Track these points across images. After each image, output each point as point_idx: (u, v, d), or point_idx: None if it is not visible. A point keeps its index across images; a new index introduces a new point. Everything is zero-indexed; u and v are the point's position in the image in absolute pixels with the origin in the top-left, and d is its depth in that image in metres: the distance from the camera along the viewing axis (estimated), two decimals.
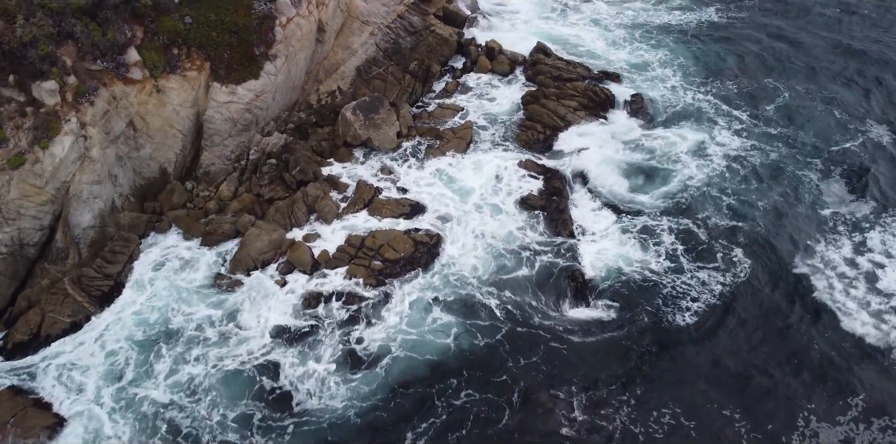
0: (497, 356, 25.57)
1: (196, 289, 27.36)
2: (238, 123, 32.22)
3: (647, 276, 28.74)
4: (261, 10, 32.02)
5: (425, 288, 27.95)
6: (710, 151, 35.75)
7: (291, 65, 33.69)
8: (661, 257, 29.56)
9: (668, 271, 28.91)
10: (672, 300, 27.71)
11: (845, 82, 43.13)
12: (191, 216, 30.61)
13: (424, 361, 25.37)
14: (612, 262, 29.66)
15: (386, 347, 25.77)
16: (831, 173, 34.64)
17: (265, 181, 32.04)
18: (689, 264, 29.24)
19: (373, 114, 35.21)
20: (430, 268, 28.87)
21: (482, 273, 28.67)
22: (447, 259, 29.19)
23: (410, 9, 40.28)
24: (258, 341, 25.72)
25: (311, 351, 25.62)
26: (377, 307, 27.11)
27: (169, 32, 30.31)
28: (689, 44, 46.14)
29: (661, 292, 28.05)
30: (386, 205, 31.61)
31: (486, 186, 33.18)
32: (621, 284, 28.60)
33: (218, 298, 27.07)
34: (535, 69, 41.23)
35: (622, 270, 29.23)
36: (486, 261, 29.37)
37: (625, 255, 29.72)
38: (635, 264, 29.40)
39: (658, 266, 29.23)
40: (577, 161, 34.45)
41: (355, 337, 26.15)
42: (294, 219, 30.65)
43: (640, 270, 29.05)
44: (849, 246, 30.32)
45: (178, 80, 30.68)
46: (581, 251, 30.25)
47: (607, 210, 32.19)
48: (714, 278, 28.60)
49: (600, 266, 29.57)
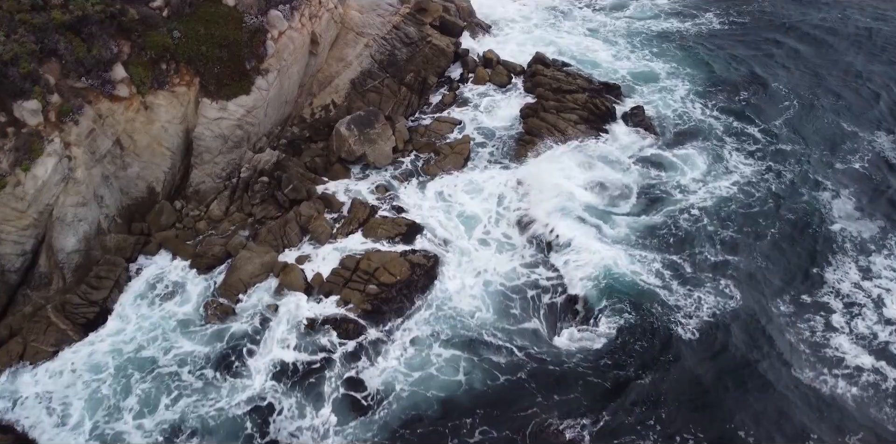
0: (510, 391, 24.48)
1: (184, 319, 26.24)
2: (229, 139, 31.25)
3: (647, 302, 27.73)
4: (252, 23, 31.06)
5: (426, 319, 26.83)
6: (714, 169, 34.73)
7: (284, 79, 32.72)
8: (661, 281, 28.56)
9: (669, 296, 27.90)
10: (673, 325, 26.72)
11: (853, 89, 42.05)
12: (180, 237, 29.62)
13: (433, 398, 24.19)
14: (612, 286, 28.60)
15: (390, 384, 24.55)
16: (841, 193, 33.58)
17: (257, 200, 31.07)
18: (692, 289, 28.24)
19: (368, 128, 34.25)
20: (428, 293, 27.90)
21: (481, 300, 27.70)
22: (446, 283, 28.20)
23: (406, 19, 39.32)
24: (247, 382, 24.50)
25: (307, 392, 24.30)
26: (376, 340, 26.01)
27: (157, 47, 29.33)
28: (692, 51, 45.13)
29: (662, 317, 27.02)
30: (382, 225, 30.64)
31: (484, 204, 32.23)
32: (622, 308, 27.56)
33: (206, 330, 25.91)
34: (535, 80, 40.28)
35: (622, 294, 28.17)
36: (486, 284, 28.46)
37: (624, 279, 28.67)
38: (635, 289, 28.36)
39: (658, 290, 28.21)
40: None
41: (355, 373, 24.85)
42: (286, 240, 29.68)
43: (640, 295, 28.01)
44: (854, 271, 29.35)
45: (166, 96, 29.73)
46: (582, 274, 29.19)
47: (601, 232, 31.02)
48: (717, 303, 27.56)
49: (601, 291, 28.51)
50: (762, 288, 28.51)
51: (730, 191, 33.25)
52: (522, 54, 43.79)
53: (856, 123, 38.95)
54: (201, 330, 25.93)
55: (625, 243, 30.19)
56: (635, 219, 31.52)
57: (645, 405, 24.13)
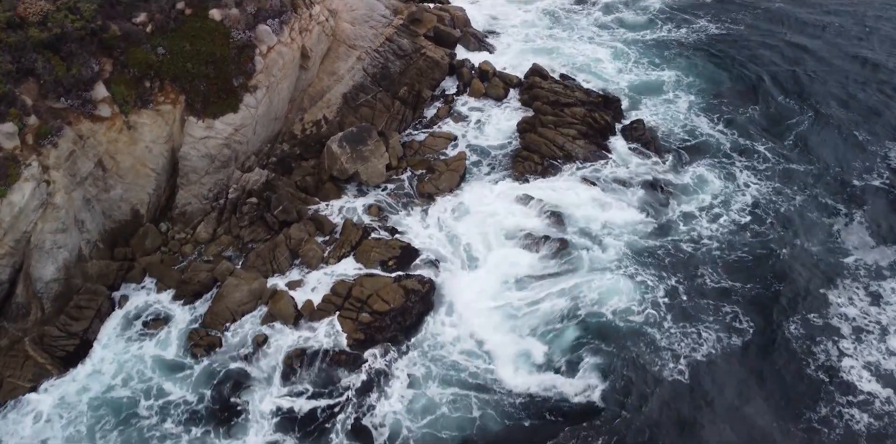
0: (521, 430, 23.40)
1: (168, 356, 25.09)
2: (216, 159, 30.14)
3: (647, 329, 26.77)
4: (239, 38, 29.94)
5: (423, 352, 25.71)
6: (721, 190, 33.62)
7: (273, 95, 31.61)
8: (666, 310, 27.59)
9: (671, 327, 26.91)
10: (674, 360, 25.74)
11: (864, 97, 40.99)
12: (165, 262, 28.51)
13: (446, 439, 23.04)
14: (611, 311, 27.67)
15: (397, 431, 23.21)
16: (854, 216, 32.49)
17: (245, 222, 29.99)
18: (700, 316, 27.30)
19: (360, 145, 33.16)
20: (424, 322, 26.75)
21: (481, 329, 26.53)
22: (443, 312, 27.08)
23: (399, 31, 38.25)
24: (233, 430, 23.15)
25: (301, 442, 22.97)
26: (373, 376, 24.82)
27: (140, 64, 28.23)
28: (693, 59, 44.17)
29: (661, 350, 26.04)
30: (375, 248, 29.59)
31: (480, 224, 31.10)
32: (622, 339, 26.61)
33: (191, 368, 24.75)
34: (532, 93, 39.27)
35: (622, 321, 27.21)
36: (486, 311, 27.28)
37: (622, 305, 27.69)
38: (634, 316, 27.39)
39: (659, 319, 27.25)
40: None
41: (357, 420, 23.49)
42: (276, 265, 28.59)
43: (640, 323, 27.05)
44: (867, 301, 28.31)
45: (150, 115, 28.63)
46: (581, 296, 28.24)
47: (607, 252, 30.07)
48: (721, 336, 26.61)
49: (603, 316, 27.59)
50: (771, 315, 27.52)
51: (738, 215, 32.15)
52: (519, 64, 42.80)
53: (868, 136, 37.80)
54: (186, 368, 24.72)
55: (628, 268, 29.11)
56: (640, 243, 30.47)
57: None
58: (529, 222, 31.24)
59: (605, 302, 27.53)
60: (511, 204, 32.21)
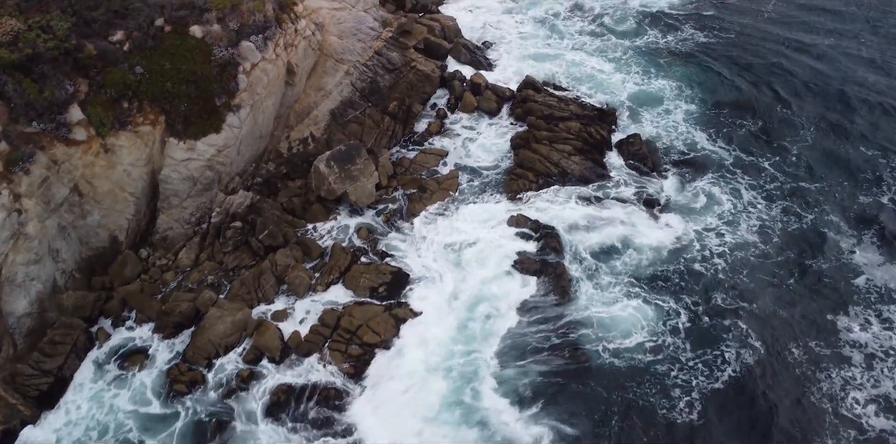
0: None
1: (147, 395, 23.85)
2: (198, 181, 28.91)
3: (648, 358, 25.77)
4: (221, 56, 28.71)
5: (418, 388, 24.47)
6: (725, 209, 32.52)
7: (258, 114, 30.41)
8: (673, 336, 26.59)
9: (674, 354, 25.95)
10: (676, 389, 24.77)
11: (868, 110, 39.93)
12: (146, 291, 27.30)
13: None
14: (610, 333, 26.74)
15: None
16: (863, 235, 31.52)
17: (229, 247, 28.80)
18: (707, 343, 26.27)
19: (349, 165, 31.99)
20: (416, 355, 25.63)
21: (475, 363, 25.46)
22: (436, 345, 25.93)
23: (389, 44, 37.08)
24: None
25: None
26: (367, 415, 23.57)
27: (117, 85, 26.99)
28: (690, 70, 42.88)
29: (663, 380, 25.05)
30: (364, 274, 28.47)
31: (473, 248, 30.02)
32: (621, 363, 25.64)
33: (171, 410, 23.52)
34: (525, 107, 38.17)
35: (623, 346, 26.24)
36: (478, 344, 26.21)
37: (622, 329, 26.78)
38: (632, 341, 26.44)
39: (662, 346, 26.30)
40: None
41: None
42: (261, 293, 27.41)
43: (641, 351, 26.06)
44: (878, 326, 27.36)
45: (128, 137, 27.38)
46: (580, 319, 27.28)
47: (607, 278, 29.05)
48: (725, 365, 25.65)
49: (600, 337, 26.64)
50: (779, 340, 26.66)
51: (743, 236, 31.09)
52: (512, 76, 41.75)
53: (873, 150, 36.70)
54: (168, 414, 23.36)
55: (628, 294, 28.14)
56: (639, 265, 29.51)
57: None
58: (525, 245, 30.13)
59: (607, 335, 26.44)
60: (505, 226, 31.12)
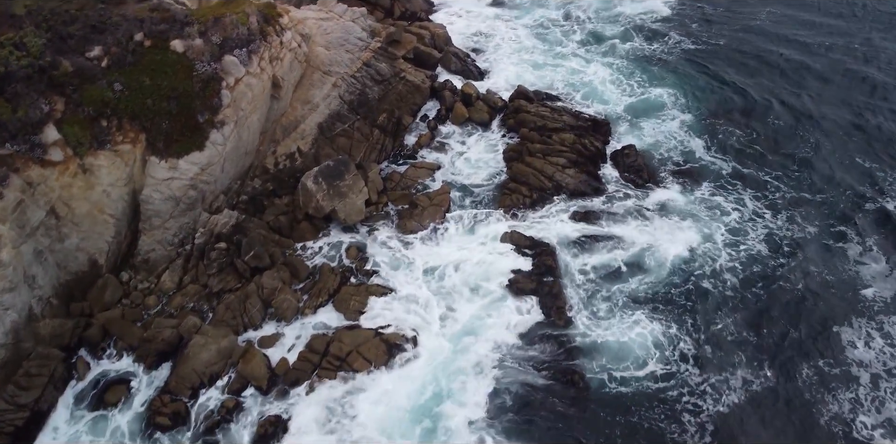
0: None
1: (128, 433, 22.81)
2: (181, 201, 27.90)
3: (654, 385, 24.96)
4: (204, 71, 27.72)
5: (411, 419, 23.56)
6: (727, 221, 31.84)
7: (242, 130, 29.41)
8: (669, 359, 25.81)
9: (678, 377, 25.17)
10: (680, 413, 24.00)
11: (866, 116, 39.48)
12: (127, 317, 26.26)
13: None
14: (612, 358, 25.91)
15: None
16: (869, 245, 30.79)
17: (214, 269, 27.78)
18: (710, 375, 25.47)
19: (337, 181, 31.04)
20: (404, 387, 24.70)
21: (466, 390, 24.55)
22: (427, 369, 25.03)
23: (377, 55, 36.11)
24: None
25: None
26: None
27: (95, 103, 25.99)
28: (685, 79, 42.20)
29: (667, 404, 24.27)
30: (354, 296, 27.59)
31: (466, 267, 29.16)
32: (621, 387, 24.84)
33: None
34: (517, 118, 37.31)
35: (626, 372, 25.41)
36: (471, 367, 25.34)
37: (623, 353, 25.98)
38: (635, 366, 25.63)
39: (664, 370, 25.47)
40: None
41: None
42: (247, 317, 26.42)
43: (642, 375, 25.24)
44: (884, 342, 26.66)
45: (108, 156, 26.37)
46: (579, 344, 26.44)
47: (605, 300, 28.22)
48: (732, 388, 24.85)
49: (601, 363, 25.79)
50: (789, 360, 26.01)
51: (745, 250, 30.41)
52: (504, 85, 41.03)
53: (874, 158, 36.12)
54: None
55: (634, 313, 27.37)
56: (644, 285, 28.70)
57: None
58: (519, 263, 29.27)
59: (608, 360, 25.64)
60: (498, 243, 30.26)
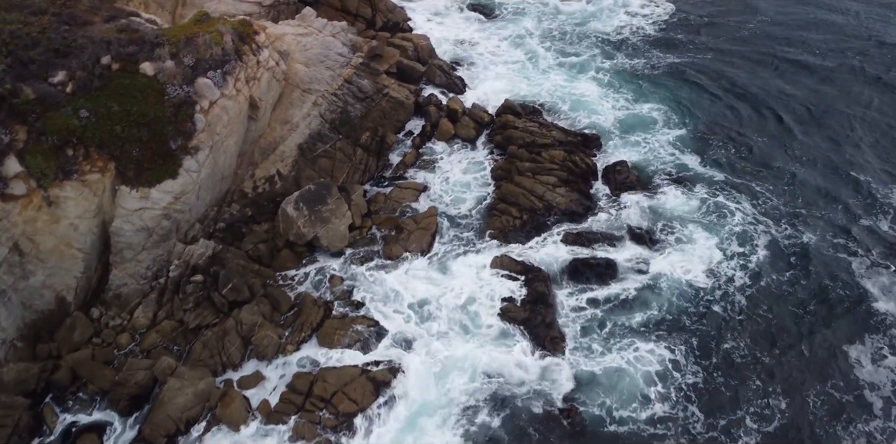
0: None
1: None
2: (154, 232, 26.48)
3: (649, 426, 23.91)
4: (176, 95, 26.29)
5: None
6: (725, 240, 30.84)
7: (218, 155, 28.03)
8: (669, 393, 24.73)
9: (681, 416, 24.14)
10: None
11: (860, 126, 38.78)
12: (97, 358, 24.83)
13: None
14: (610, 392, 24.83)
15: None
16: (873, 259, 29.98)
17: (190, 304, 26.39)
18: (710, 410, 24.44)
19: (319, 205, 29.74)
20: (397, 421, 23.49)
21: (456, 425, 23.38)
22: (417, 406, 23.81)
23: (359, 70, 34.76)
24: None
25: None
26: None
27: (60, 131, 24.52)
28: (676, 92, 40.99)
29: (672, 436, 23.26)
30: (339, 329, 26.30)
31: (454, 295, 27.97)
32: (619, 426, 23.76)
33: None
34: (505, 134, 36.11)
35: (624, 408, 24.34)
36: (461, 401, 24.18)
37: (620, 386, 24.90)
38: (636, 401, 24.55)
39: (665, 411, 24.43)
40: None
41: None
42: (226, 356, 25.06)
43: (643, 417, 24.16)
44: (892, 358, 25.83)
45: (75, 187, 24.91)
46: (574, 377, 25.34)
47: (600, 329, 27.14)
48: (744, 430, 23.83)
49: (598, 397, 24.71)
50: (799, 388, 25.16)
51: (746, 269, 29.49)
52: (490, 98, 39.76)
53: (868, 172, 35.34)
54: None
55: (632, 342, 26.32)
56: (642, 310, 27.73)
57: None
58: (510, 290, 28.15)
59: (607, 394, 24.55)
60: (488, 269, 29.07)
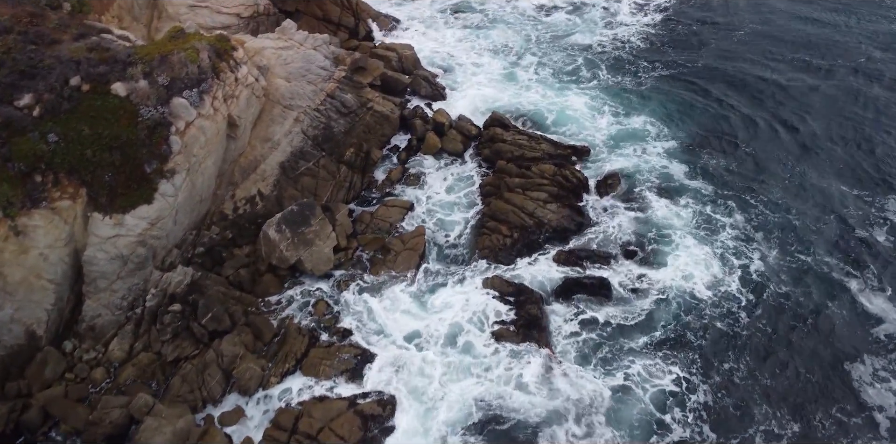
0: None
1: None
2: (129, 260, 25.29)
3: None
4: (150, 117, 25.13)
5: None
6: (720, 257, 30.13)
7: (196, 177, 26.89)
8: (673, 422, 23.87)
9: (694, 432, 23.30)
10: None
11: (854, 132, 38.27)
12: (70, 395, 23.67)
13: None
14: (612, 420, 24.01)
15: None
16: (869, 277, 29.31)
17: (168, 335, 25.23)
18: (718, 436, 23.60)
19: (302, 227, 28.64)
20: None
21: None
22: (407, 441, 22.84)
23: (342, 84, 33.67)
24: None
25: None
26: None
27: (27, 157, 23.38)
28: (665, 104, 40.14)
29: None
30: (325, 359, 25.25)
31: (445, 322, 26.97)
32: None
33: None
34: (493, 148, 35.13)
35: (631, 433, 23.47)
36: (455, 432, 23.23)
37: (623, 413, 24.08)
38: (639, 431, 23.69)
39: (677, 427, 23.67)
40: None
41: None
42: (206, 391, 23.92)
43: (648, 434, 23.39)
44: None
45: (44, 215, 23.71)
46: (572, 404, 24.45)
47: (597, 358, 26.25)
48: None
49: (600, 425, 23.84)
50: (807, 413, 24.43)
51: (743, 286, 28.93)
52: (478, 109, 38.87)
53: (861, 185, 34.64)
54: None
55: (630, 365, 25.49)
56: (638, 333, 26.77)
57: None
58: (502, 312, 27.21)
59: (608, 422, 23.68)
60: (480, 291, 28.12)
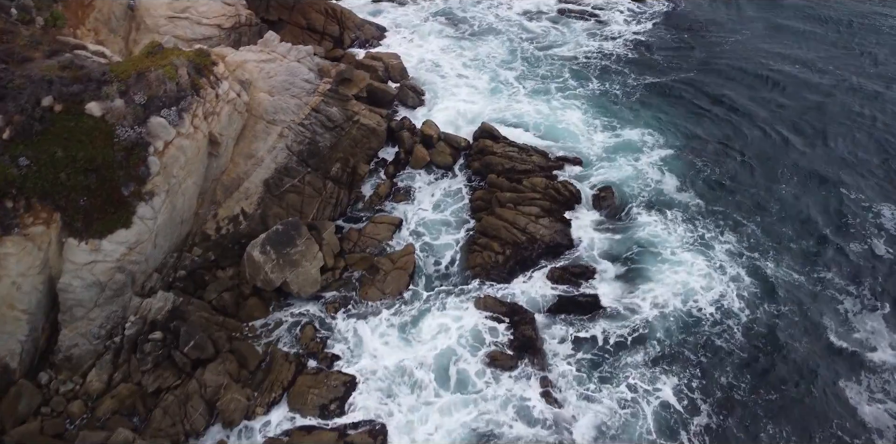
0: None
1: None
2: (107, 287, 24.26)
3: None
4: (127, 137, 24.10)
5: None
6: (713, 273, 29.46)
7: (176, 198, 25.88)
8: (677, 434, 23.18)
9: None
10: None
11: (850, 141, 38.08)
12: (47, 430, 22.63)
13: None
14: None
15: None
16: (863, 295, 28.90)
17: (148, 365, 24.23)
18: None
19: (288, 248, 27.70)
20: None
21: None
22: None
23: (327, 98, 32.70)
24: None
25: None
26: None
27: None
28: (658, 115, 39.68)
29: None
30: (312, 388, 24.32)
31: (437, 347, 26.13)
32: None
33: None
34: (484, 160, 34.30)
35: None
36: None
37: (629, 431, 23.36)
38: None
39: None
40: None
41: None
42: (189, 424, 22.96)
43: None
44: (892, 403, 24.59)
45: (16, 242, 22.63)
46: (571, 430, 23.71)
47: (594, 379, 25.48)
48: None
49: None
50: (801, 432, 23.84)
51: (738, 301, 28.40)
52: (468, 120, 37.91)
53: (856, 198, 34.13)
54: None
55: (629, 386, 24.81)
56: (635, 352, 26.06)
57: None
58: (496, 333, 26.41)
59: None
60: (472, 310, 27.28)
